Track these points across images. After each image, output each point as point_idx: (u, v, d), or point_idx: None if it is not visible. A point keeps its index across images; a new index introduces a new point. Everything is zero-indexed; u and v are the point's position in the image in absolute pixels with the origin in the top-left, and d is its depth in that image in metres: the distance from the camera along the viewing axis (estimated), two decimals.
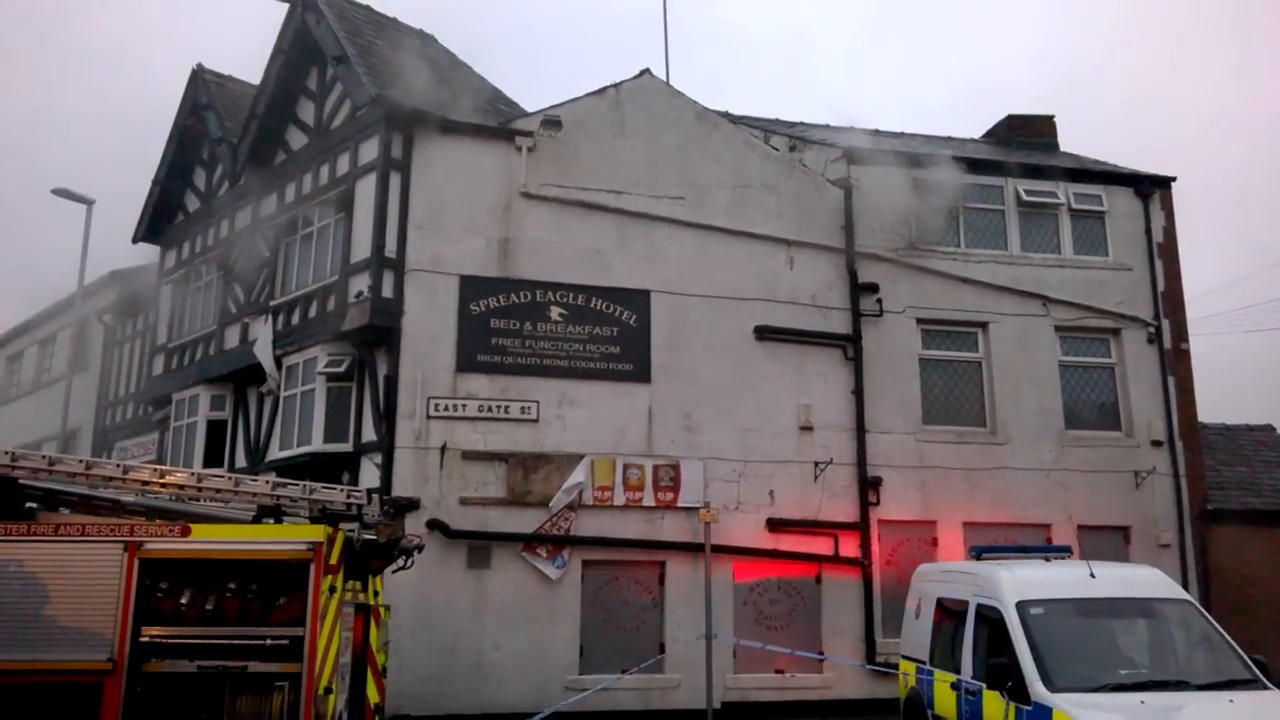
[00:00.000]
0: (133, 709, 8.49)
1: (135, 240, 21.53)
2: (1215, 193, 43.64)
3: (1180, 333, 18.36)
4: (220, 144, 19.36)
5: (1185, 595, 10.18)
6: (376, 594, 10.18)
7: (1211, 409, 19.39)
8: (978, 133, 22.76)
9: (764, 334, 16.26)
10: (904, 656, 11.92)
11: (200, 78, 20.42)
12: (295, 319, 16.71)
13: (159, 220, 21.21)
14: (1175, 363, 18.15)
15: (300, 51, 17.58)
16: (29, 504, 9.55)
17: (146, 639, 8.62)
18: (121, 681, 8.47)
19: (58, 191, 21.72)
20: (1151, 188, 18.84)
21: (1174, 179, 19.02)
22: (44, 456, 9.95)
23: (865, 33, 68.38)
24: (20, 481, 9.45)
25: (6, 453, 9.59)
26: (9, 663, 8.44)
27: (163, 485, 9.71)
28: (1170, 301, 18.38)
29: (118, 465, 9.99)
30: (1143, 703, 8.13)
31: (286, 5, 17.54)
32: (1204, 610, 9.90)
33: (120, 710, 8.42)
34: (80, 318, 23.19)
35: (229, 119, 19.37)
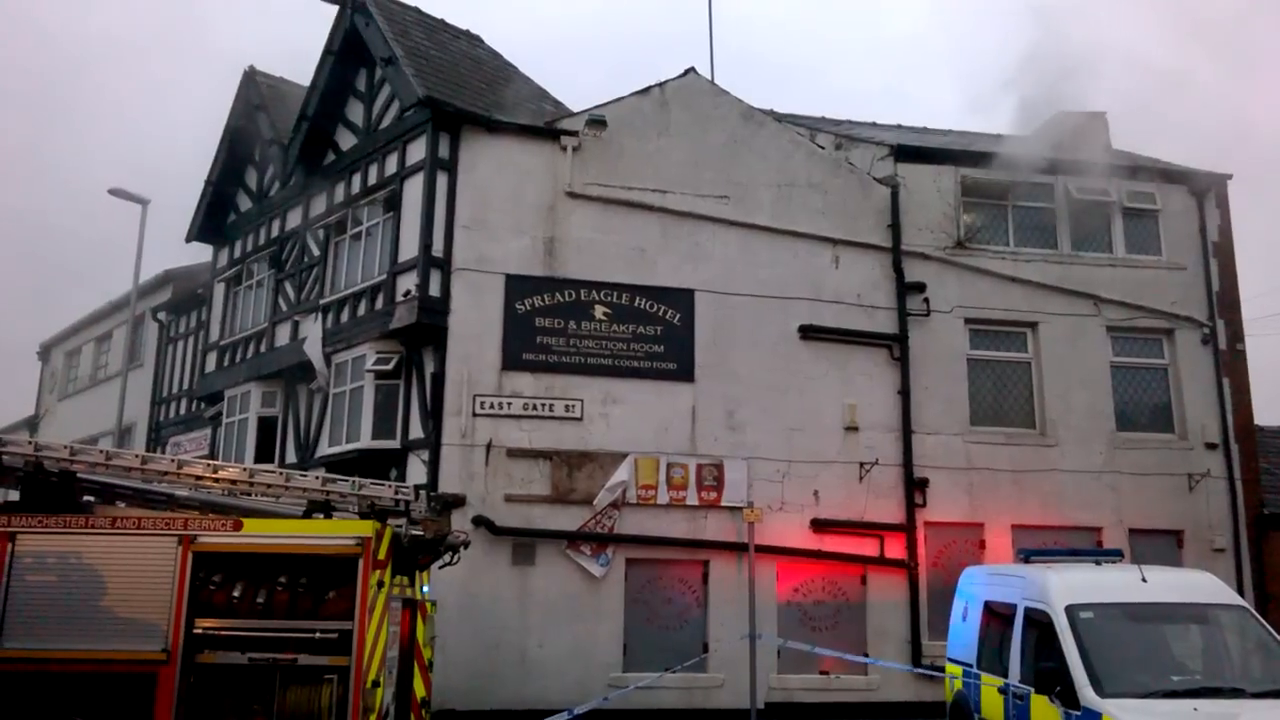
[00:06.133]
0: (186, 699, 8.66)
1: (189, 239, 21.92)
2: (1273, 191, 42.60)
3: (1236, 333, 17.99)
4: (271, 144, 19.65)
5: (1240, 601, 9.99)
6: (423, 589, 10.29)
7: (1268, 411, 18.99)
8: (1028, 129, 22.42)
9: (809, 333, 16.19)
10: (950, 659, 11.82)
11: (252, 79, 20.76)
12: (344, 317, 16.92)
13: (212, 220, 21.56)
14: (1230, 364, 17.79)
15: (349, 53, 17.78)
16: (87, 497, 9.76)
17: (200, 631, 8.79)
18: (175, 672, 8.64)
19: (114, 192, 22.15)
20: (1206, 185, 18.48)
21: (1230, 176, 18.63)
22: (101, 451, 10.16)
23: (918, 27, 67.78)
24: (79, 475, 9.66)
25: (65, 447, 9.82)
26: (68, 651, 8.66)
27: (215, 480, 9.87)
28: (1225, 301, 18.01)
29: (172, 460, 10.19)
30: (1196, 710, 7.97)
31: (336, 7, 17.77)
32: (1260, 616, 9.71)
33: (174, 700, 8.59)
34: (135, 315, 23.65)
35: (280, 120, 19.64)
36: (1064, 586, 9.43)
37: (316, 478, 10.06)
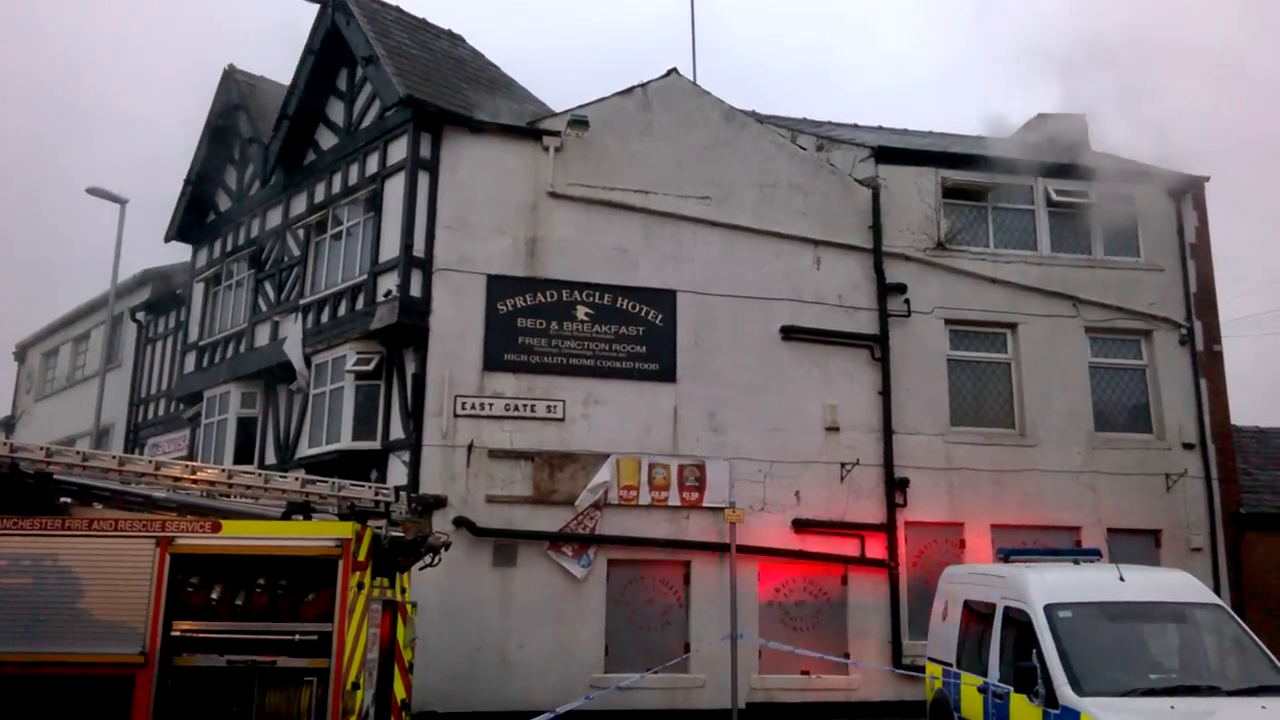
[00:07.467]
0: (164, 702, 8.60)
1: (168, 239, 21.74)
2: (1249, 192, 43.02)
3: (1213, 334, 18.14)
4: (251, 144, 19.53)
5: (1216, 600, 10.07)
6: (404, 591, 10.26)
7: (1245, 411, 19.16)
8: (1008, 132, 22.56)
9: (790, 334, 16.22)
10: (930, 659, 11.87)
11: (232, 78, 20.61)
12: (325, 317, 16.84)
13: (191, 219, 21.41)
14: (1208, 364, 17.93)
15: (330, 52, 17.70)
16: (63, 499, 9.68)
17: (177, 633, 8.75)
18: (153, 675, 8.59)
19: (92, 191, 21.99)
20: (1184, 187, 18.63)
21: (1207, 178, 18.78)
22: (78, 452, 10.11)
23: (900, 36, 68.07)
24: (55, 477, 9.59)
25: (41, 448, 9.76)
26: (44, 655, 8.59)
27: (194, 481, 9.84)
28: (1202, 302, 18.15)
29: (150, 461, 10.13)
30: (1173, 708, 8.05)
31: (317, 6, 17.68)
32: (1236, 615, 9.79)
33: (152, 703, 8.54)
34: (113, 315, 23.47)
35: (260, 119, 19.52)
36: (1043, 586, 9.50)
37: (296, 479, 10.04)
